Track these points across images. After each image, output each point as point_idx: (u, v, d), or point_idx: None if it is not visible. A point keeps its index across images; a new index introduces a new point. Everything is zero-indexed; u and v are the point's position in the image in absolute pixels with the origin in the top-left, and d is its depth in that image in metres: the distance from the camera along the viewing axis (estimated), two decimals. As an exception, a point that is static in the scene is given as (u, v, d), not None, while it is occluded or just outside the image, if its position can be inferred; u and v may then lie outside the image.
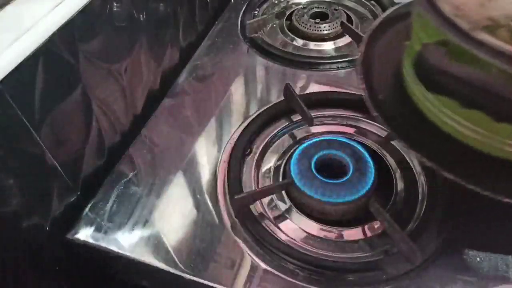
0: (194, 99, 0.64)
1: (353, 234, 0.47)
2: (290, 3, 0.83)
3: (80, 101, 0.50)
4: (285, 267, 0.45)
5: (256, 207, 0.50)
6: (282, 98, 0.60)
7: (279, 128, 0.58)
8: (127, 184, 0.53)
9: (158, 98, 0.64)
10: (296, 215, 0.49)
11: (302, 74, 0.67)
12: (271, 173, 0.54)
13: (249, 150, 0.56)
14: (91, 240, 0.48)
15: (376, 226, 0.48)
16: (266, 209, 0.50)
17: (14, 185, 0.42)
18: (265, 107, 0.60)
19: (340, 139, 0.52)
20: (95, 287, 0.57)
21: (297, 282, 0.44)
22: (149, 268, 0.47)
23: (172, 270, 0.45)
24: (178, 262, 0.46)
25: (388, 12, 0.51)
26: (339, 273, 0.44)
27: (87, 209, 0.51)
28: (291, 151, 0.55)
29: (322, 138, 0.53)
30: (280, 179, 0.53)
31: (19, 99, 0.41)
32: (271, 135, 0.58)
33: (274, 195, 0.51)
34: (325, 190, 0.47)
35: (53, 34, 0.43)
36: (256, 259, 0.46)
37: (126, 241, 0.48)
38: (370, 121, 0.58)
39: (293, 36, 0.74)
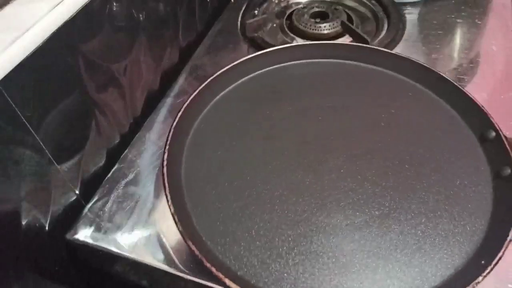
0: (194, 99, 0.64)
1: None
2: (290, 2, 0.83)
3: (79, 101, 0.50)
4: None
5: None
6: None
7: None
8: (127, 184, 0.53)
9: (158, 98, 0.64)
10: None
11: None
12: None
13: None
14: (90, 241, 0.48)
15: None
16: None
17: (14, 185, 0.42)
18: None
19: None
20: (95, 287, 0.57)
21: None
22: (149, 268, 0.47)
23: (172, 270, 0.45)
24: (178, 262, 0.46)
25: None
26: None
27: (86, 209, 0.51)
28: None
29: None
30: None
31: (19, 99, 0.40)
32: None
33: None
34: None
35: (53, 34, 0.43)
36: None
37: (126, 241, 0.48)
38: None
39: (293, 35, 0.74)
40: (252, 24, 0.74)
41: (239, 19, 0.78)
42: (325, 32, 0.73)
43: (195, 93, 0.53)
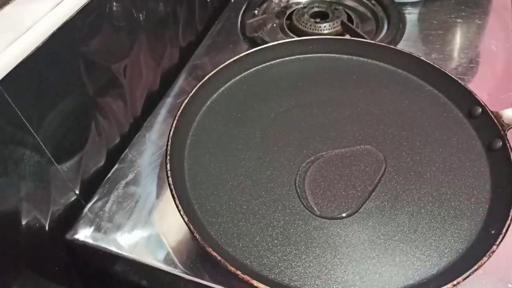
0: (194, 99, 0.64)
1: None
2: (290, 2, 0.83)
3: (79, 101, 0.50)
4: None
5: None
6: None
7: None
8: (127, 184, 0.53)
9: (158, 98, 0.64)
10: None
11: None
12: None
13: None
14: (90, 241, 0.48)
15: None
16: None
17: (14, 185, 0.42)
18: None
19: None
20: (95, 287, 0.57)
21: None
22: (149, 268, 0.47)
23: (172, 270, 0.45)
24: (178, 263, 0.46)
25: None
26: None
27: (86, 209, 0.51)
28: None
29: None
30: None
31: (19, 99, 0.40)
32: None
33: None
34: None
35: (53, 34, 0.43)
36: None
37: (126, 242, 0.48)
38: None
39: (293, 35, 0.74)
40: (252, 24, 0.74)
41: (239, 19, 0.78)
42: (325, 32, 0.73)
43: (194, 90, 0.53)
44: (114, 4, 0.52)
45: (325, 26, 0.73)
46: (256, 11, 0.79)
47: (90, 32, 0.49)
